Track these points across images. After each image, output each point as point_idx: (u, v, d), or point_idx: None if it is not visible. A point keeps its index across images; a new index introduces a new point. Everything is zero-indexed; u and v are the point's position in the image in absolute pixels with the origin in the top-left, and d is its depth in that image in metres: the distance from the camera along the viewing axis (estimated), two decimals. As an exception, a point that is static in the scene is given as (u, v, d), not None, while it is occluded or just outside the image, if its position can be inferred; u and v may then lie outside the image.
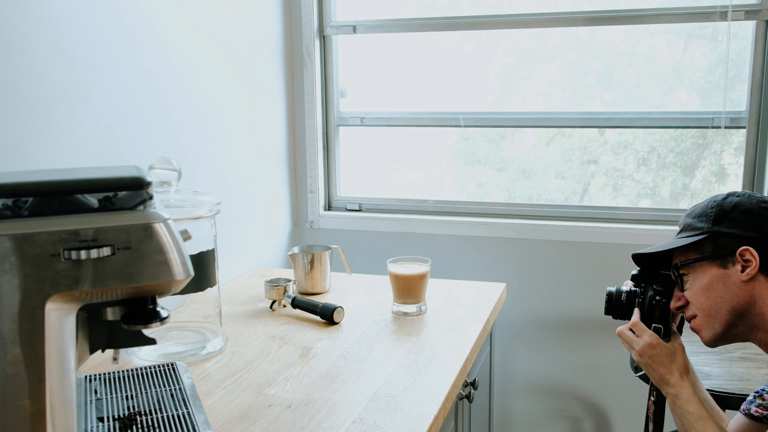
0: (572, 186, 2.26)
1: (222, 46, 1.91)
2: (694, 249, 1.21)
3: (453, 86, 2.33)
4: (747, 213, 1.18)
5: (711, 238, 1.19)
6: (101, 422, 1.00)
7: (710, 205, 1.22)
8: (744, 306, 1.16)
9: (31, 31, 1.30)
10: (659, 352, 1.24)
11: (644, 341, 1.25)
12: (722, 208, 1.20)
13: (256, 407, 1.14)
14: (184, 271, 0.79)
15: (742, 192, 1.22)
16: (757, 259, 1.14)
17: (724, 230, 1.18)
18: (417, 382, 1.23)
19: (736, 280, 1.16)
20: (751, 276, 1.14)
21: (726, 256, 1.17)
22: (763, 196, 1.21)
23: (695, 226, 1.22)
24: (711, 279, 1.19)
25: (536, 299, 2.19)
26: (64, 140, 1.39)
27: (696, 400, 1.20)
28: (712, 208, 1.21)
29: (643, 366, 1.27)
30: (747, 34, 2.00)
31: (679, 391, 1.22)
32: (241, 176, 2.04)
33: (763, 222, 1.17)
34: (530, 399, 2.27)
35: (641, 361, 1.26)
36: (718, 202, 1.22)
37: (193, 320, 1.42)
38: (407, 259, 1.66)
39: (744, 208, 1.18)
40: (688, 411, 1.19)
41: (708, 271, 1.19)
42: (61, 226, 0.73)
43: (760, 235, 1.16)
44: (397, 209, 2.37)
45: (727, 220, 1.18)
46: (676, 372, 1.23)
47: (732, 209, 1.19)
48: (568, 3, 2.17)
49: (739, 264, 1.16)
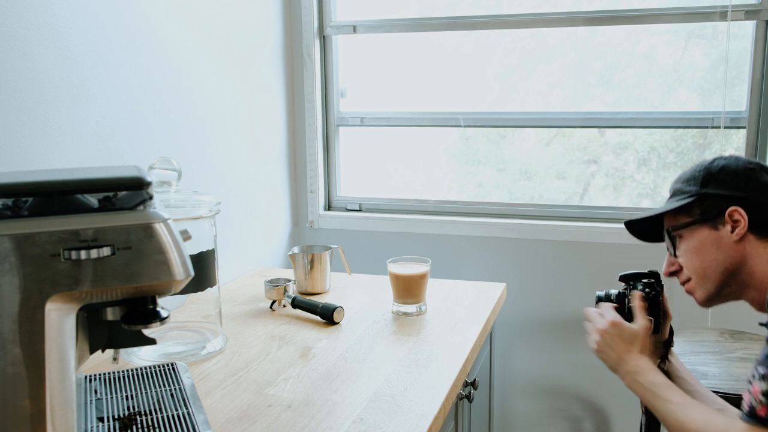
0: (573, 186, 2.26)
1: (222, 46, 1.91)
2: (684, 212, 1.23)
3: (453, 86, 2.33)
4: (734, 174, 1.19)
5: (699, 201, 1.20)
6: (101, 422, 1.00)
7: (698, 169, 1.23)
8: (735, 265, 1.17)
9: (31, 31, 1.30)
10: (621, 332, 1.25)
11: (607, 320, 1.27)
12: (709, 171, 1.21)
13: (256, 407, 1.14)
14: (184, 271, 0.79)
15: (728, 155, 1.23)
16: (745, 218, 1.15)
17: (712, 192, 1.19)
18: (417, 382, 1.23)
19: (727, 241, 1.17)
20: (740, 236, 1.16)
21: (715, 218, 1.18)
22: (749, 159, 1.22)
23: (684, 190, 1.24)
24: (702, 241, 1.20)
25: (536, 299, 2.19)
26: (64, 140, 1.39)
27: (657, 371, 1.20)
28: (700, 172, 1.22)
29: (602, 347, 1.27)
30: (747, 34, 2.00)
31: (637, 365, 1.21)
32: (241, 176, 2.04)
33: (749, 182, 1.18)
34: (530, 399, 2.27)
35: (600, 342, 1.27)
36: (705, 165, 1.23)
37: (193, 320, 1.42)
38: (407, 259, 1.66)
39: (731, 170, 1.19)
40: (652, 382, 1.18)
41: (699, 233, 1.20)
42: (61, 226, 0.73)
43: (747, 194, 1.17)
44: (397, 209, 2.37)
45: (715, 182, 1.20)
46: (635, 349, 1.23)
47: (719, 171, 1.20)
48: (568, 3, 2.17)
49: (729, 224, 1.17)
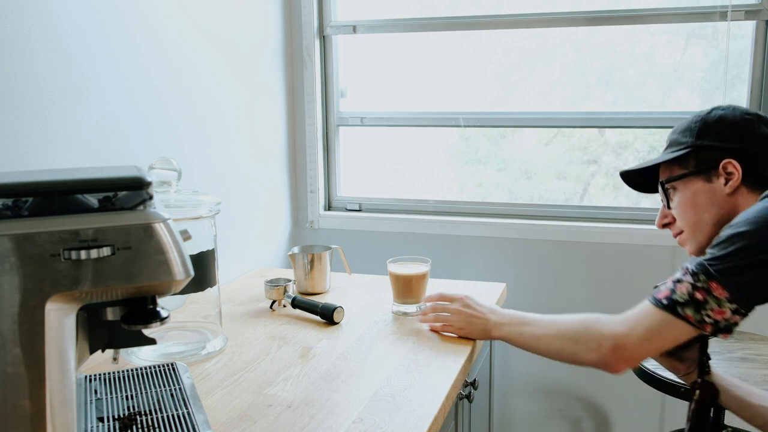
0: (573, 186, 2.26)
1: (222, 46, 1.91)
2: (678, 164, 1.22)
3: (453, 86, 2.33)
4: (730, 125, 1.18)
5: (694, 152, 1.19)
6: (101, 422, 1.00)
7: (694, 120, 1.22)
8: (727, 218, 1.17)
9: (31, 31, 1.30)
10: (474, 303, 1.35)
11: (457, 301, 1.35)
12: (706, 122, 1.20)
13: (256, 407, 1.14)
14: (184, 271, 0.79)
15: (727, 105, 1.21)
16: (739, 171, 1.15)
17: (707, 143, 1.18)
18: (417, 382, 1.23)
19: (720, 193, 1.17)
20: (734, 188, 1.16)
21: (710, 170, 1.18)
22: (748, 109, 1.20)
23: (680, 141, 1.23)
24: (696, 193, 1.20)
25: (536, 299, 2.19)
26: (64, 140, 1.39)
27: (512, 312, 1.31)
28: (696, 122, 1.21)
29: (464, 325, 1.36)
30: (747, 34, 2.00)
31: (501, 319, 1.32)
32: (241, 176, 2.04)
33: (745, 133, 1.16)
34: (530, 399, 2.27)
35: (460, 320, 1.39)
36: (702, 116, 1.21)
37: (193, 320, 1.42)
38: (407, 259, 1.66)
39: (728, 121, 1.18)
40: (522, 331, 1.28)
41: (693, 184, 1.20)
42: (61, 226, 0.73)
43: (742, 146, 1.16)
44: (397, 209, 2.37)
45: (711, 133, 1.18)
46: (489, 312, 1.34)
47: (716, 122, 1.19)
48: (568, 3, 2.17)
49: (723, 177, 1.16)
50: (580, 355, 1.18)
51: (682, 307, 1.07)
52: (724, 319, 1.04)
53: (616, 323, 1.14)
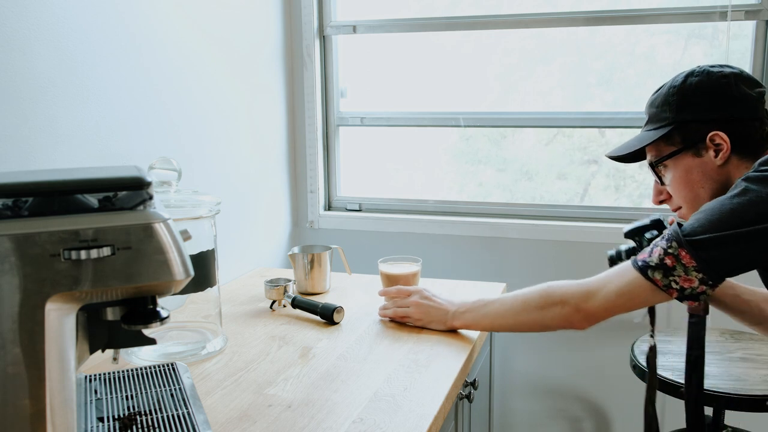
0: (573, 187, 2.26)
1: (222, 46, 1.91)
2: (664, 141, 1.21)
3: (453, 86, 2.33)
4: (709, 93, 1.16)
5: (678, 128, 1.18)
6: (101, 422, 1.00)
7: (671, 92, 1.20)
8: (723, 188, 1.16)
9: (31, 31, 1.30)
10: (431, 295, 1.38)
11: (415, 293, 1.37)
12: (683, 94, 1.18)
13: (256, 407, 1.14)
14: (184, 271, 0.79)
15: (700, 69, 1.19)
16: (727, 141, 1.14)
17: (689, 117, 1.17)
18: (417, 382, 1.23)
19: (711, 166, 1.16)
20: (725, 159, 1.15)
21: (697, 144, 1.17)
22: (722, 68, 1.18)
23: (660, 116, 1.21)
24: (687, 169, 1.19)
25: (536, 299, 2.19)
26: (64, 140, 1.39)
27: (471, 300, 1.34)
28: (673, 95, 1.19)
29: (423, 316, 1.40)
30: (747, 34, 2.00)
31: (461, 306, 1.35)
32: (241, 176, 2.04)
33: (726, 98, 1.15)
34: (530, 399, 2.27)
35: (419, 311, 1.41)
36: (677, 86, 1.19)
37: (193, 320, 1.42)
38: (399, 258, 1.66)
39: (705, 88, 1.16)
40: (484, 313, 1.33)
41: (683, 161, 1.19)
42: (61, 226, 0.73)
43: (725, 114, 1.15)
44: (397, 209, 2.37)
45: (690, 106, 1.17)
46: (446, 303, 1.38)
47: (693, 92, 1.17)
48: (568, 3, 2.17)
49: (711, 149, 1.15)
50: (546, 321, 1.23)
51: (652, 271, 1.09)
52: (691, 287, 1.06)
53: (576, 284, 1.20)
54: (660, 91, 1.23)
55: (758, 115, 1.15)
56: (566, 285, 1.22)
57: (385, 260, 1.64)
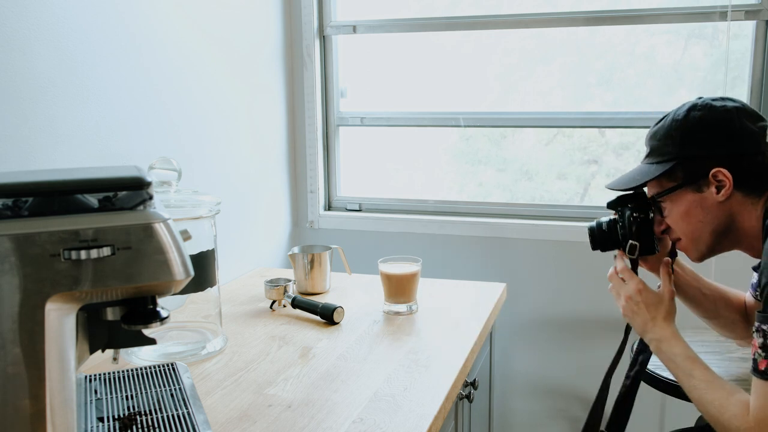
0: (573, 187, 2.26)
1: (222, 46, 1.91)
2: (666, 177, 1.20)
3: (453, 86, 2.33)
4: (712, 128, 1.15)
5: (680, 164, 1.17)
6: (101, 422, 1.00)
7: (673, 126, 1.19)
8: (724, 225, 1.16)
9: (31, 31, 1.30)
10: (646, 298, 1.26)
11: (633, 287, 1.26)
12: (686, 129, 1.17)
13: (256, 407, 1.14)
14: (184, 271, 0.79)
15: (702, 103, 1.18)
16: (730, 178, 1.13)
17: (693, 153, 1.16)
18: (417, 382, 1.23)
19: (712, 202, 1.16)
20: (727, 195, 1.14)
21: (699, 180, 1.16)
22: (724, 102, 1.17)
23: (662, 150, 1.20)
24: (688, 204, 1.18)
25: (536, 299, 2.19)
26: (64, 140, 1.39)
27: (682, 343, 1.20)
28: (676, 129, 1.18)
29: (628, 313, 1.28)
30: (747, 34, 2.00)
31: (662, 334, 1.22)
32: (242, 176, 2.04)
33: (729, 134, 1.14)
34: (530, 399, 2.27)
35: (627, 307, 1.28)
36: (680, 120, 1.18)
37: (193, 320, 1.42)
38: (398, 258, 1.66)
39: (709, 123, 1.15)
40: (674, 353, 1.19)
41: (684, 196, 1.19)
42: (61, 226, 0.73)
43: (729, 150, 1.14)
44: (397, 209, 2.37)
45: (694, 141, 1.16)
46: (660, 317, 1.24)
47: (697, 127, 1.16)
48: (568, 3, 2.17)
49: (713, 186, 1.15)
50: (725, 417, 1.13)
51: None
52: None
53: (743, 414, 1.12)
54: (662, 123, 1.22)
55: (761, 149, 1.15)
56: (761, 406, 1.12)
57: (385, 260, 1.64)
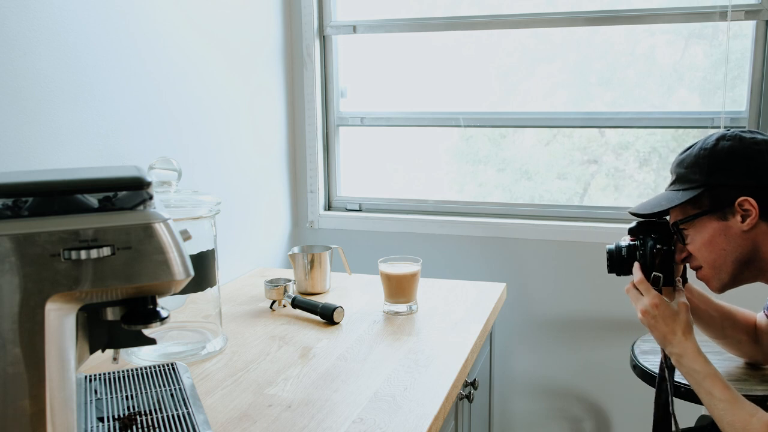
0: (573, 187, 2.26)
1: (222, 46, 1.91)
2: (691, 204, 1.19)
3: (453, 86, 2.33)
4: (742, 159, 1.15)
5: (707, 191, 1.17)
6: (101, 422, 1.00)
7: (701, 154, 1.18)
8: (748, 255, 1.16)
9: (33, 32, 1.30)
10: (662, 312, 1.24)
11: (648, 301, 1.25)
12: (715, 157, 1.16)
13: (256, 407, 1.14)
14: (184, 271, 0.79)
15: (731, 134, 1.18)
16: (756, 208, 1.13)
17: (720, 182, 1.16)
18: (417, 382, 1.23)
19: (737, 231, 1.15)
20: (752, 225, 1.14)
21: (724, 208, 1.15)
22: (753, 134, 1.17)
23: (689, 177, 1.20)
24: (712, 232, 1.18)
25: (536, 299, 2.19)
26: (65, 140, 1.39)
27: (702, 359, 1.19)
28: (704, 158, 1.18)
29: (647, 326, 1.27)
30: (747, 34, 2.00)
31: (682, 349, 1.21)
32: (242, 176, 2.04)
33: (758, 167, 1.14)
34: (530, 399, 2.27)
35: (645, 321, 1.27)
36: (709, 149, 1.18)
37: (193, 320, 1.42)
38: (398, 258, 1.66)
39: (738, 154, 1.15)
40: (695, 369, 1.19)
41: (708, 224, 1.18)
42: (61, 226, 0.73)
43: (756, 181, 1.14)
44: (397, 209, 2.37)
45: (722, 170, 1.16)
46: (679, 331, 1.23)
47: (725, 157, 1.16)
48: (568, 3, 2.17)
49: (739, 214, 1.14)
50: None
51: None
52: None
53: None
54: (689, 151, 1.22)
55: None
56: None
57: (385, 260, 1.64)
